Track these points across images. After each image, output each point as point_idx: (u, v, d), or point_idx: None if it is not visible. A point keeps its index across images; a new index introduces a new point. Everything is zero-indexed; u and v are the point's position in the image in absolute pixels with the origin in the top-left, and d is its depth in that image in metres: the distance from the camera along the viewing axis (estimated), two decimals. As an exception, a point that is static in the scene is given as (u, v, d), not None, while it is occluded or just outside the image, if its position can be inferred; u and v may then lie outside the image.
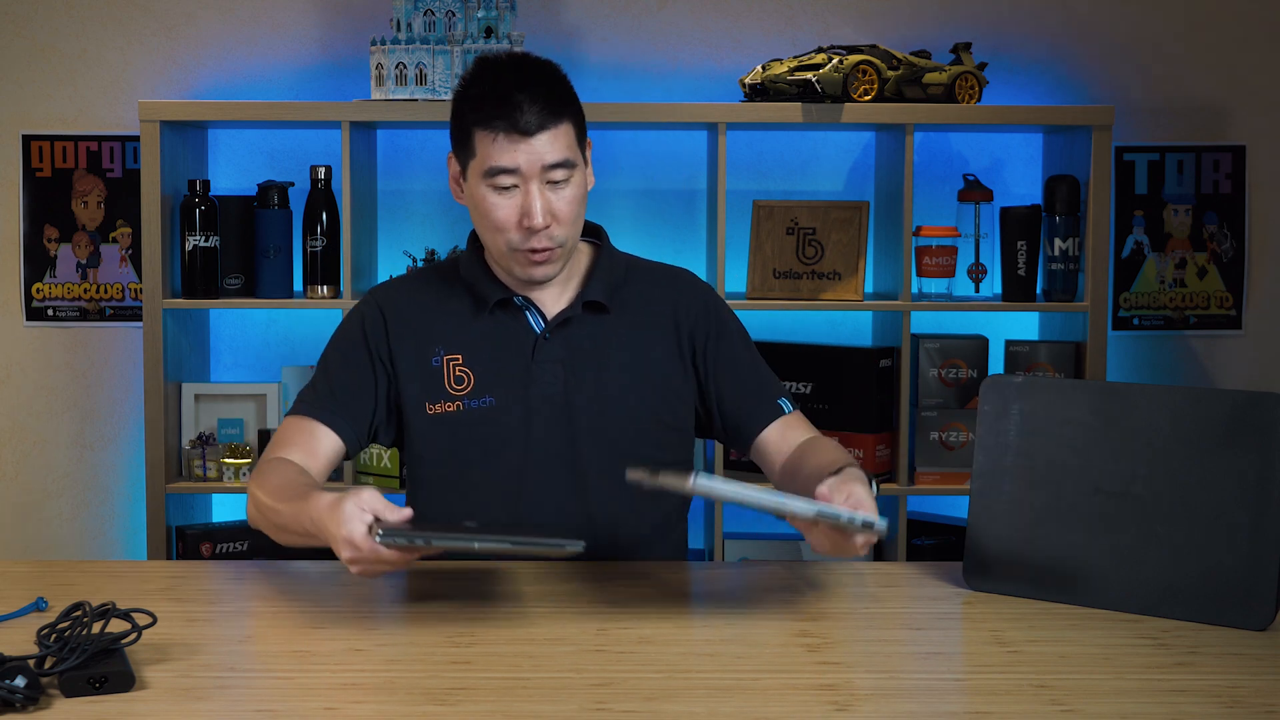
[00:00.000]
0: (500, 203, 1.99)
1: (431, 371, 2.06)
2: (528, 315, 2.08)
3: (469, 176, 2.03)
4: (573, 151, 2.00)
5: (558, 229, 1.99)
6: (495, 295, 2.07)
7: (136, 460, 3.39)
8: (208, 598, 1.87)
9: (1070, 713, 1.42)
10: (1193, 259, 3.45)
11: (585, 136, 2.07)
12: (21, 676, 1.40)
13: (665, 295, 2.15)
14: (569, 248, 2.04)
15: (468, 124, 2.01)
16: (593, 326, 2.09)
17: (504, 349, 2.07)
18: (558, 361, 2.06)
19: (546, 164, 1.97)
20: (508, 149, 1.97)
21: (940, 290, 3.18)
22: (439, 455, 2.06)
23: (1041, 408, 1.83)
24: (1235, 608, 1.70)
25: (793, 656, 1.59)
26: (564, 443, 2.05)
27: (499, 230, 2.00)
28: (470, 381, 2.06)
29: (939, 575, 1.94)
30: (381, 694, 1.47)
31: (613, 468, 2.04)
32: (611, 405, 2.06)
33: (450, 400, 2.06)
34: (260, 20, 3.38)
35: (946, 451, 3.18)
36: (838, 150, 3.44)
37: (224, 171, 3.39)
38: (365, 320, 2.11)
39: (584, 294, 2.08)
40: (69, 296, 3.42)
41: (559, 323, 2.07)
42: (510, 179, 1.97)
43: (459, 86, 2.06)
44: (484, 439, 2.04)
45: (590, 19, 3.38)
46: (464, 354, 2.06)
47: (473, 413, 2.05)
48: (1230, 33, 3.42)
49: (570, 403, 2.05)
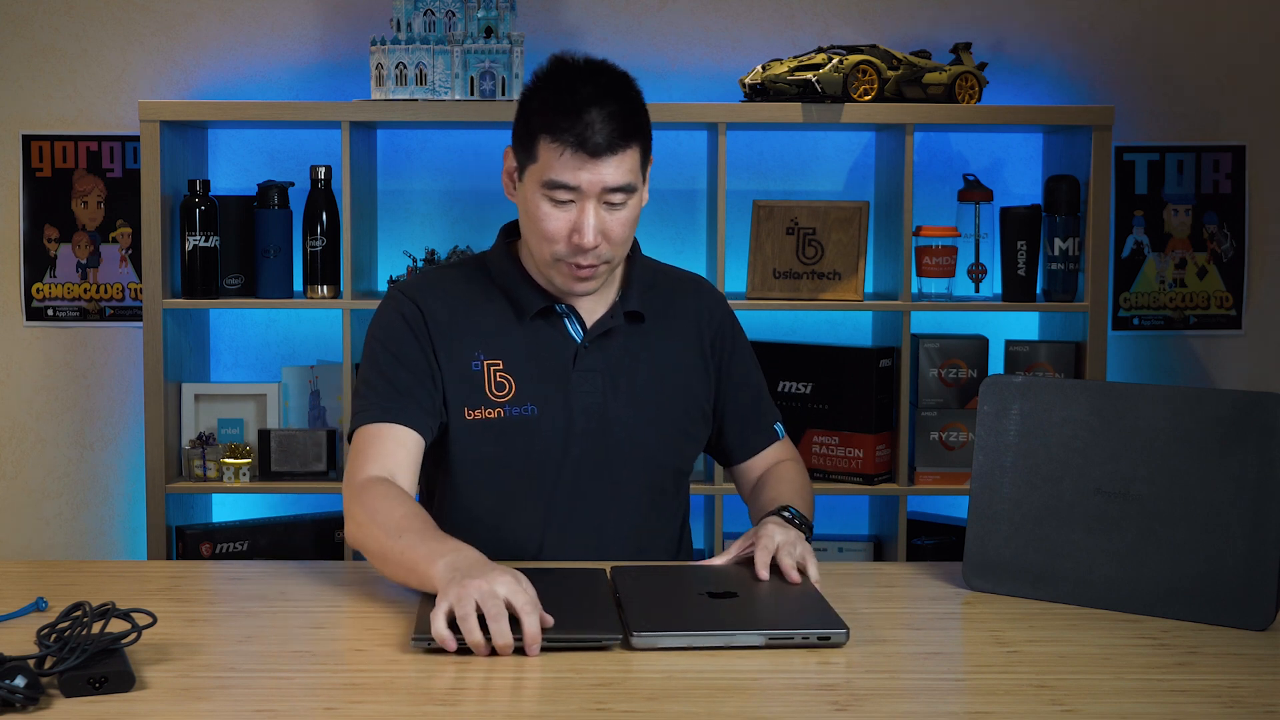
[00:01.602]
0: (554, 214, 1.94)
1: (471, 375, 2.02)
2: (567, 324, 2.06)
3: (525, 179, 1.97)
4: (635, 175, 1.95)
5: (606, 248, 1.96)
6: (537, 304, 2.04)
7: (136, 460, 3.39)
8: (208, 598, 1.87)
9: (1070, 713, 1.42)
10: (1193, 259, 3.45)
11: (649, 156, 2.02)
12: (21, 676, 1.40)
13: (690, 304, 2.16)
14: (613, 265, 2.01)
15: (534, 128, 1.94)
16: (629, 336, 2.08)
17: (544, 357, 2.04)
18: (597, 371, 2.05)
19: (607, 187, 1.92)
20: (571, 166, 1.91)
21: (940, 290, 3.18)
22: (475, 461, 2.03)
23: (1041, 408, 1.83)
24: (1235, 608, 1.70)
25: (793, 656, 1.59)
26: (601, 452, 2.04)
27: (548, 240, 1.95)
28: (512, 388, 2.02)
29: (939, 575, 1.94)
30: (381, 694, 1.47)
31: (644, 477, 2.06)
32: (646, 415, 2.06)
33: (491, 406, 2.01)
34: (260, 20, 3.38)
35: (946, 451, 3.18)
36: (838, 150, 3.44)
37: (224, 171, 3.39)
38: (406, 316, 2.03)
39: (623, 303, 2.08)
40: (69, 296, 3.42)
41: (600, 333, 2.06)
42: (568, 195, 1.93)
43: (531, 83, 1.98)
44: (524, 447, 2.01)
45: (590, 19, 3.38)
46: (505, 360, 2.03)
47: (514, 420, 2.01)
48: (1230, 33, 3.42)
49: (608, 413, 2.04)
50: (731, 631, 1.61)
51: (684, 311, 2.14)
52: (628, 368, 2.06)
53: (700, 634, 1.60)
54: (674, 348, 2.11)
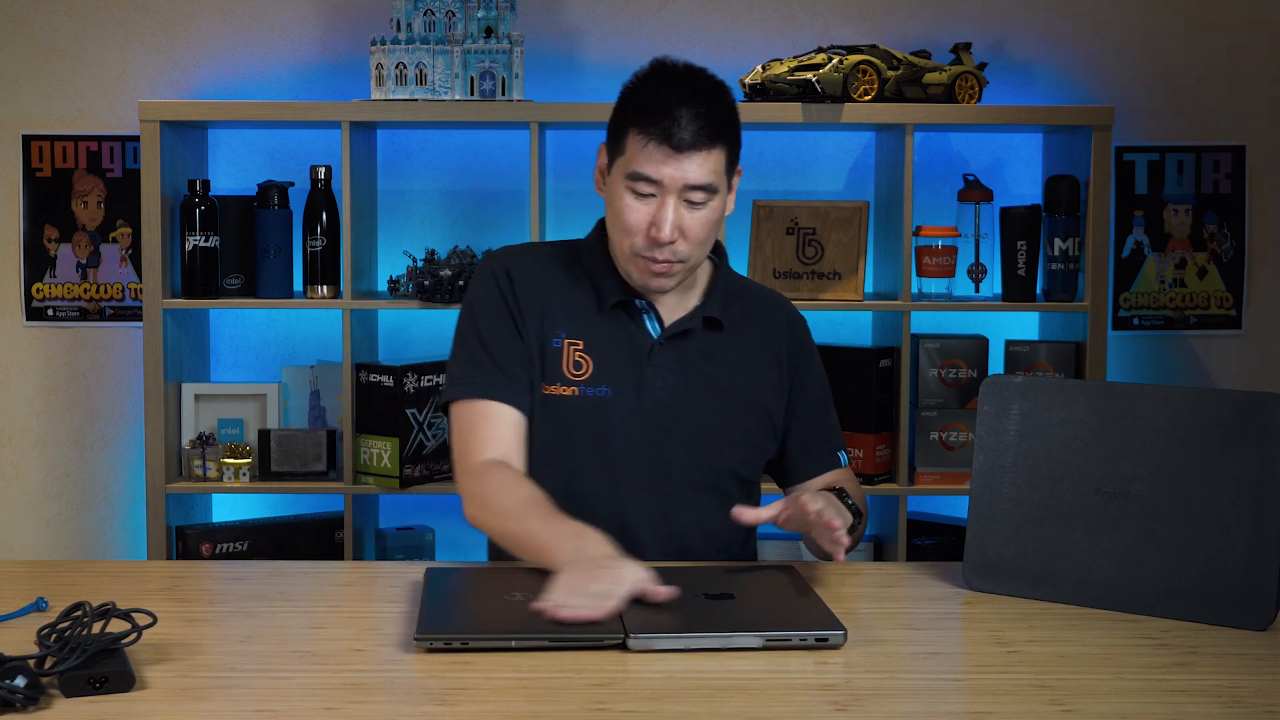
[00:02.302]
0: (635, 206, 1.99)
1: (551, 351, 2.07)
2: (646, 319, 2.10)
3: (613, 172, 2.03)
4: (718, 177, 2.00)
5: (683, 245, 2.00)
6: (617, 295, 2.09)
7: (136, 460, 3.39)
8: (208, 598, 1.87)
9: (1070, 713, 1.42)
10: (1193, 259, 3.45)
11: (737, 164, 2.06)
12: (21, 676, 1.40)
13: (772, 319, 2.19)
14: (690, 266, 2.04)
15: (626, 123, 2.01)
16: (705, 341, 2.11)
17: (621, 346, 2.08)
18: (669, 369, 2.08)
19: (689, 184, 1.97)
20: (655, 159, 1.96)
21: (940, 290, 3.18)
22: (547, 435, 2.07)
23: (1041, 408, 1.83)
24: (1235, 608, 1.70)
25: (792, 657, 1.59)
26: (663, 448, 2.07)
27: (627, 233, 2.01)
28: (589, 368, 2.07)
29: (939, 575, 1.94)
30: (381, 694, 1.47)
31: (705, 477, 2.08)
32: (713, 417, 2.08)
33: (567, 384, 2.06)
34: (260, 20, 3.38)
35: (946, 451, 3.18)
36: (838, 150, 3.44)
37: (224, 171, 3.39)
38: (499, 282, 2.10)
39: (703, 308, 2.11)
40: (69, 296, 3.42)
41: (676, 332, 2.09)
42: (650, 188, 1.98)
43: (629, 82, 2.05)
44: (593, 427, 2.05)
45: (590, 19, 3.38)
46: (585, 340, 2.08)
47: (587, 400, 2.06)
48: (1230, 33, 3.42)
49: (676, 409, 2.07)
50: (729, 633, 1.61)
51: (764, 325, 2.17)
52: (700, 369, 2.10)
53: (697, 636, 1.60)
54: (749, 358, 2.14)
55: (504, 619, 1.67)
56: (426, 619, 1.63)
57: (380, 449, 3.12)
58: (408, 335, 3.41)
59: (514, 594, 1.75)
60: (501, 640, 1.59)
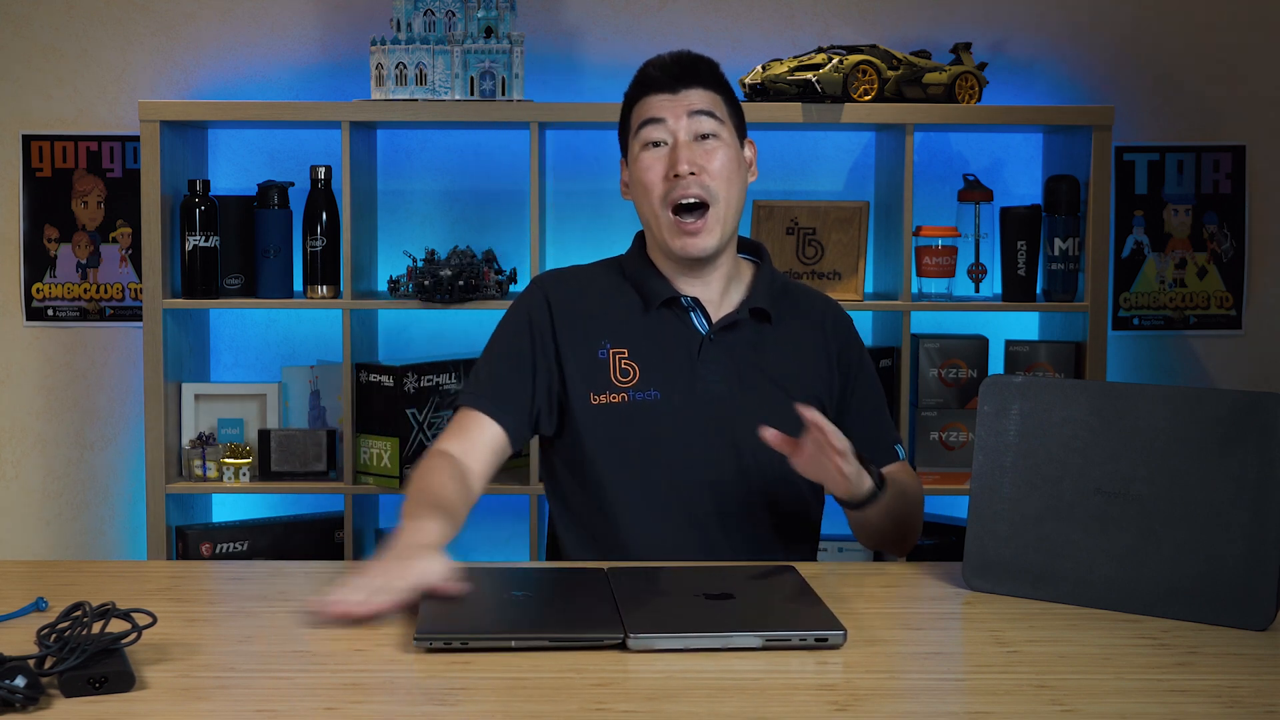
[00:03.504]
0: (651, 162, 2.06)
1: (598, 363, 2.09)
2: (693, 316, 2.12)
3: (630, 158, 2.11)
4: (721, 112, 2.09)
5: (708, 179, 2.05)
6: (663, 293, 2.11)
7: (136, 460, 3.39)
8: (208, 598, 1.87)
9: (1070, 713, 1.42)
10: (1193, 259, 3.45)
11: (743, 122, 2.15)
12: (21, 676, 1.40)
13: (821, 314, 2.21)
14: (722, 214, 2.08)
15: (628, 103, 2.13)
16: (755, 333, 2.13)
17: (669, 346, 2.10)
18: (721, 362, 2.10)
19: (692, 110, 2.05)
20: (654, 103, 2.07)
21: (940, 290, 3.18)
22: (600, 445, 2.09)
23: (1041, 408, 1.83)
24: (1235, 608, 1.70)
25: (792, 657, 1.59)
26: (726, 441, 2.08)
27: (650, 190, 2.07)
28: (636, 374, 2.09)
29: (939, 575, 1.94)
30: (381, 694, 1.47)
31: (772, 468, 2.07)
32: (773, 409, 2.08)
33: (615, 392, 2.08)
34: (260, 20, 3.38)
35: (946, 451, 3.18)
36: (838, 150, 3.44)
37: (224, 171, 3.39)
38: (532, 309, 2.14)
39: (750, 300, 2.13)
40: (69, 296, 3.42)
41: (724, 325, 2.11)
42: (659, 131, 2.06)
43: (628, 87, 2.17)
44: (647, 431, 2.07)
45: (590, 19, 3.38)
46: (630, 347, 2.10)
47: (637, 405, 2.07)
48: (1230, 33, 3.42)
49: (734, 401, 2.09)
50: (728, 633, 1.61)
51: (813, 319, 2.19)
52: (752, 360, 2.12)
53: (697, 636, 1.60)
54: (800, 348, 2.16)
55: (504, 619, 1.67)
56: (426, 619, 1.63)
57: (380, 449, 3.12)
58: (408, 335, 3.41)
59: (514, 594, 1.75)
60: (501, 640, 1.59)
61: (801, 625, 1.63)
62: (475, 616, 1.68)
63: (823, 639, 1.60)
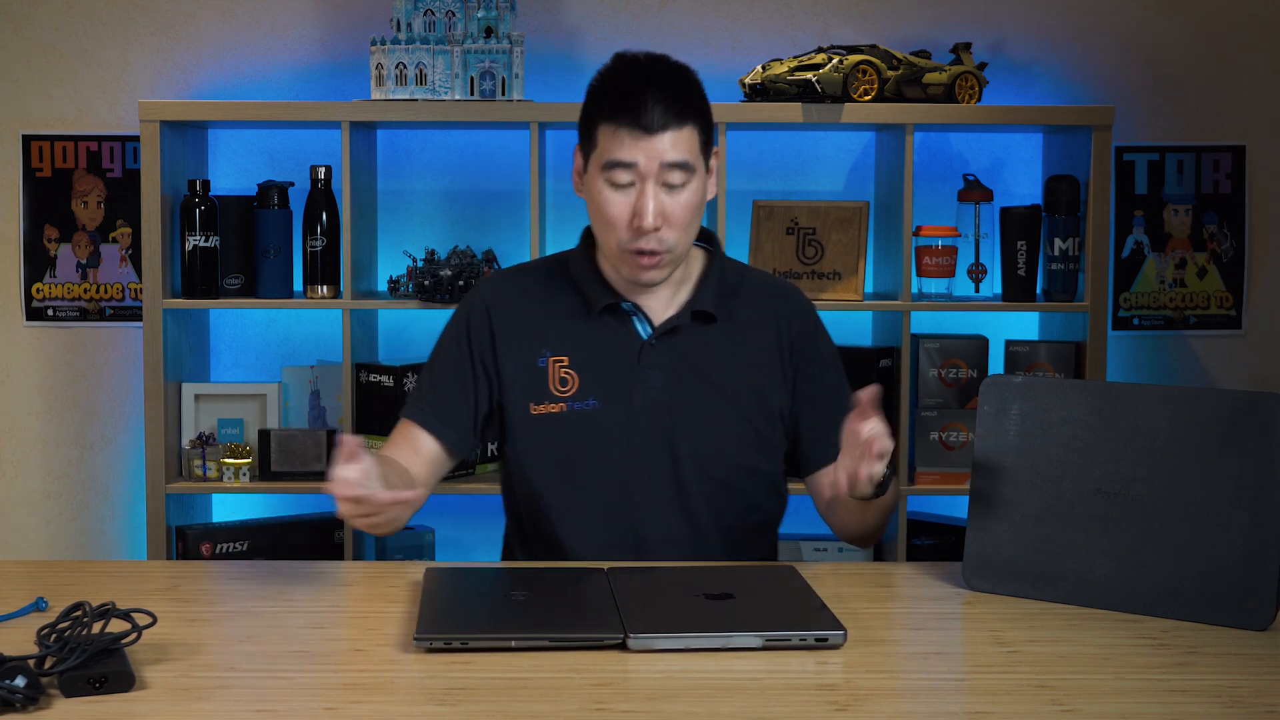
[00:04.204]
0: (615, 199, 1.99)
1: (537, 372, 2.07)
2: (635, 321, 2.09)
3: (589, 169, 2.03)
4: (693, 155, 1.99)
5: (668, 233, 1.99)
6: (604, 300, 2.08)
7: (136, 460, 3.39)
8: (208, 598, 1.87)
9: (1070, 713, 1.42)
10: (1193, 259, 3.45)
11: (711, 145, 2.06)
12: (21, 676, 1.40)
13: (773, 308, 2.16)
14: (678, 254, 2.03)
15: (593, 116, 2.02)
16: (699, 335, 2.09)
17: (610, 353, 2.07)
18: (662, 368, 2.07)
19: (665, 162, 1.96)
20: (628, 144, 1.96)
21: (940, 290, 3.18)
22: (541, 455, 2.06)
23: (1041, 408, 1.83)
24: (1235, 608, 1.70)
25: (792, 657, 1.59)
26: (666, 449, 2.06)
27: (611, 227, 2.00)
28: (575, 383, 2.06)
29: (939, 575, 1.94)
30: (381, 694, 1.47)
31: (711, 475, 2.06)
32: (712, 414, 2.07)
33: (555, 401, 2.06)
34: (260, 20, 3.38)
35: (946, 451, 3.18)
36: (838, 150, 3.44)
37: (224, 171, 3.39)
38: (470, 319, 2.12)
39: (693, 303, 2.09)
40: (69, 296, 3.42)
41: (666, 330, 2.08)
42: (627, 175, 1.97)
43: (593, 80, 2.06)
44: (587, 441, 2.05)
45: (590, 19, 3.38)
46: (570, 355, 2.07)
47: (576, 415, 2.05)
48: (1230, 33, 3.42)
49: (673, 409, 2.06)
50: (728, 633, 1.61)
51: (765, 316, 2.14)
52: (693, 364, 2.08)
53: (697, 636, 1.60)
54: (748, 349, 2.12)
55: (504, 619, 1.67)
56: (426, 619, 1.63)
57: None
58: (408, 335, 3.41)
59: (514, 594, 1.75)
60: (501, 640, 1.59)
61: (801, 625, 1.63)
62: (475, 616, 1.68)
63: (823, 639, 1.60)
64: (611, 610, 1.66)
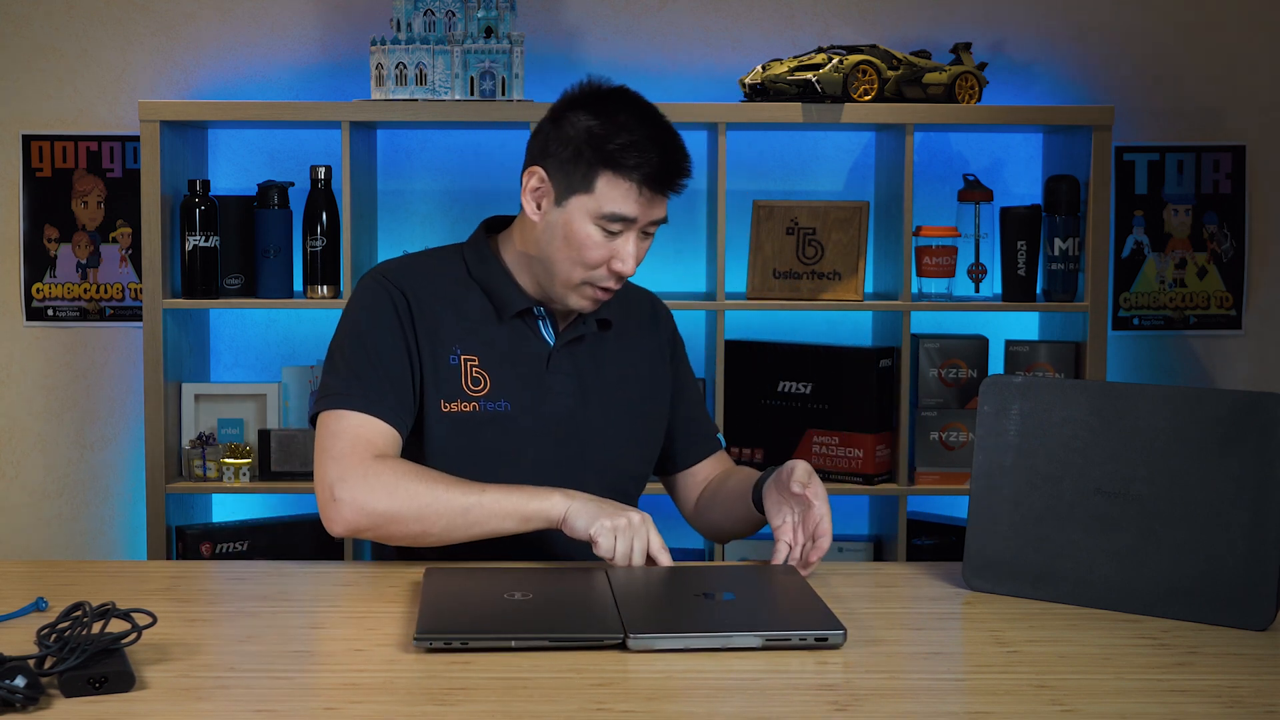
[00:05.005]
0: (602, 244, 1.97)
1: (449, 369, 2.04)
2: (541, 326, 2.09)
3: (570, 207, 1.97)
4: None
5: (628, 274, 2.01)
6: (518, 304, 2.06)
7: (136, 460, 3.39)
8: (208, 598, 1.87)
9: (1070, 713, 1.42)
10: (1193, 259, 3.45)
11: None
12: (21, 676, 1.40)
13: (649, 312, 2.22)
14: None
15: (599, 162, 1.94)
16: (598, 342, 2.11)
17: (520, 356, 2.06)
18: (568, 374, 2.07)
19: (655, 220, 1.99)
20: (639, 203, 1.95)
21: (940, 290, 3.18)
22: (450, 454, 2.04)
23: (1041, 408, 1.83)
24: (1235, 608, 1.70)
25: (792, 657, 1.59)
26: (570, 454, 2.06)
27: (587, 267, 1.98)
28: (487, 383, 2.05)
29: (939, 575, 1.94)
30: (381, 694, 1.47)
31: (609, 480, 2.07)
32: (615, 421, 2.09)
33: (466, 400, 2.03)
34: (260, 20, 3.38)
35: (946, 451, 3.18)
36: (838, 150, 3.44)
37: (224, 171, 3.39)
38: (395, 304, 2.03)
39: (597, 311, 2.09)
40: (69, 296, 3.42)
41: (573, 338, 2.08)
42: (621, 226, 1.96)
43: (588, 118, 1.97)
44: (497, 443, 2.03)
45: (590, 19, 3.38)
46: (480, 355, 2.05)
47: (488, 415, 2.03)
48: (1230, 33, 3.42)
49: (578, 416, 2.07)
50: (728, 633, 1.61)
51: (644, 322, 2.19)
52: (597, 372, 2.10)
53: (697, 636, 1.60)
54: (638, 355, 2.15)
55: (504, 619, 1.67)
56: (426, 619, 1.63)
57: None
58: (408, 335, 3.41)
59: (514, 594, 1.75)
60: (501, 640, 1.59)
61: (801, 625, 1.63)
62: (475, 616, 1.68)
63: (823, 639, 1.61)
64: (611, 610, 1.66)
